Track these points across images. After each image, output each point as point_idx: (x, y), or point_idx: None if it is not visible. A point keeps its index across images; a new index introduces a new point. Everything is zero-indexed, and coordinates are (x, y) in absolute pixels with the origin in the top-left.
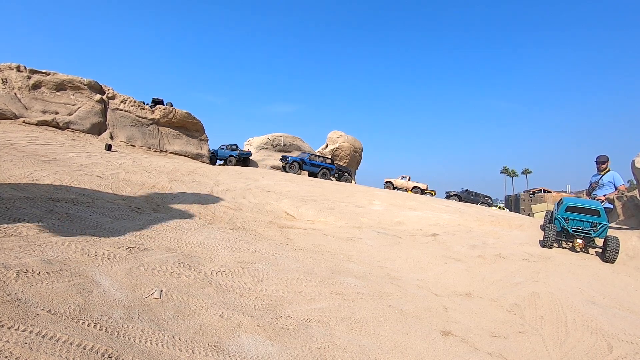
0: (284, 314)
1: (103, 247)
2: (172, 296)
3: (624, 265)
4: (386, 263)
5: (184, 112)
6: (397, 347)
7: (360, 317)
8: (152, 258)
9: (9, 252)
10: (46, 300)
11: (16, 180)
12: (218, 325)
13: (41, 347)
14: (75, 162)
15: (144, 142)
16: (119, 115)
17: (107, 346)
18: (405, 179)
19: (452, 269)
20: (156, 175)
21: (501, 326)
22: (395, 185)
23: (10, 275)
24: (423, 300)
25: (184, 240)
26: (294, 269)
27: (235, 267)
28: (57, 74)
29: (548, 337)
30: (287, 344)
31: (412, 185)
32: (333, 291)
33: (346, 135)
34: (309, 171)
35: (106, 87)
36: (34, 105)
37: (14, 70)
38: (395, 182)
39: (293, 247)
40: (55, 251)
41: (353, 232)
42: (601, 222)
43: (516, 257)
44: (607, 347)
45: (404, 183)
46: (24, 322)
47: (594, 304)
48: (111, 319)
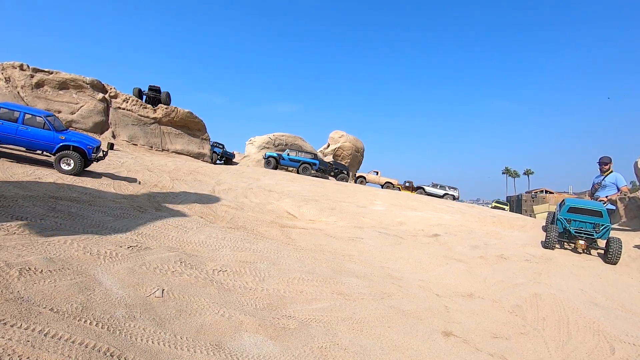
0: (286, 313)
1: (105, 245)
2: (174, 295)
3: (626, 267)
4: (387, 263)
5: (185, 111)
6: (398, 347)
7: (361, 317)
8: (154, 257)
9: (11, 250)
10: (48, 299)
11: (19, 178)
12: (219, 325)
13: (44, 345)
14: None
15: (146, 141)
16: (121, 114)
17: (109, 345)
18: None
19: (454, 269)
20: (158, 174)
21: (503, 327)
22: (367, 180)
23: (13, 273)
24: (424, 300)
25: (186, 239)
26: (296, 269)
27: (237, 267)
28: (59, 73)
29: (550, 338)
30: (288, 343)
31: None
32: (334, 291)
33: (348, 135)
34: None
35: (108, 86)
36: (37, 104)
37: (17, 69)
38: (367, 177)
39: (294, 246)
40: (57, 249)
41: (354, 232)
42: (603, 224)
43: (518, 258)
44: (609, 349)
45: (376, 178)
46: (26, 320)
47: (596, 305)
48: (113, 318)
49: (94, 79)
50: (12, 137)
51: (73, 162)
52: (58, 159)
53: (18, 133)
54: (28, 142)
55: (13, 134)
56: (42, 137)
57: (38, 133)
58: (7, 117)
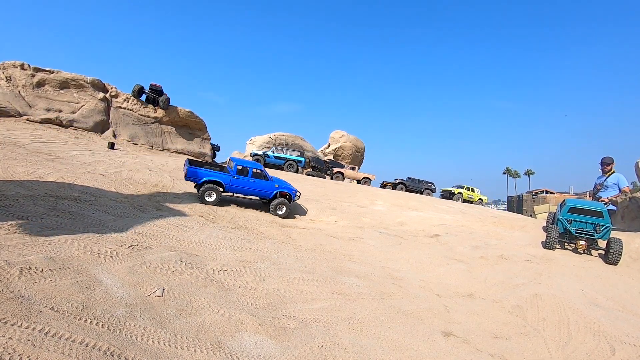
0: (286, 313)
1: (106, 245)
2: (174, 294)
3: (627, 268)
4: (388, 263)
5: (186, 110)
6: (399, 347)
7: (361, 317)
8: (155, 256)
9: (12, 250)
10: (49, 298)
11: (20, 177)
12: (220, 324)
13: (44, 344)
14: (78, 160)
15: (146, 141)
16: (122, 113)
17: (110, 344)
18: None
19: (454, 269)
20: (159, 173)
21: (503, 327)
22: (345, 175)
23: (14, 272)
24: (425, 300)
25: (186, 239)
26: (296, 269)
27: (237, 266)
28: (60, 72)
29: (550, 339)
30: (288, 343)
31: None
32: (335, 291)
33: (348, 135)
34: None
35: (109, 85)
36: (38, 103)
37: (18, 69)
38: (345, 173)
39: (295, 246)
40: (58, 249)
41: (355, 232)
42: (604, 224)
43: (518, 258)
44: (609, 349)
45: (354, 173)
46: (27, 319)
47: (597, 306)
48: (113, 317)
49: (94, 79)
50: (248, 189)
51: (285, 207)
52: (275, 205)
53: (251, 185)
54: (257, 192)
55: (248, 186)
56: (265, 187)
57: (262, 183)
58: (243, 173)
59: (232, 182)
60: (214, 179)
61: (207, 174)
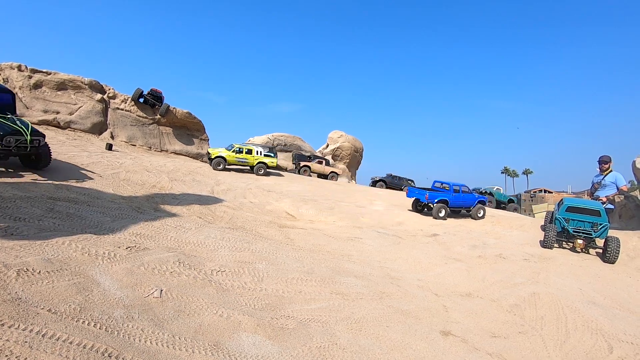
0: (284, 313)
1: (103, 246)
2: (172, 295)
3: (624, 266)
4: (386, 263)
5: (184, 111)
6: (397, 347)
7: (360, 317)
8: (153, 257)
9: (9, 251)
10: (46, 299)
11: (17, 179)
12: (218, 325)
13: (41, 345)
14: (76, 162)
15: (144, 142)
16: (119, 114)
17: (107, 345)
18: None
19: (453, 269)
20: (157, 174)
21: (501, 326)
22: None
23: (11, 274)
24: (423, 300)
25: (184, 240)
26: (294, 269)
27: (236, 267)
28: (58, 74)
29: (548, 337)
30: (287, 343)
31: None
32: (333, 291)
33: (347, 135)
34: None
35: (107, 86)
36: (35, 105)
37: (15, 70)
38: (312, 167)
39: (293, 246)
40: (55, 250)
41: (353, 232)
42: (602, 223)
43: (517, 257)
44: (607, 347)
45: (321, 167)
46: (24, 320)
47: (595, 304)
48: (111, 318)
49: (92, 80)
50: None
51: (483, 211)
52: (475, 210)
53: (462, 199)
54: (468, 204)
55: (462, 200)
56: (471, 199)
57: (469, 196)
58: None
59: (452, 199)
60: (443, 199)
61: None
